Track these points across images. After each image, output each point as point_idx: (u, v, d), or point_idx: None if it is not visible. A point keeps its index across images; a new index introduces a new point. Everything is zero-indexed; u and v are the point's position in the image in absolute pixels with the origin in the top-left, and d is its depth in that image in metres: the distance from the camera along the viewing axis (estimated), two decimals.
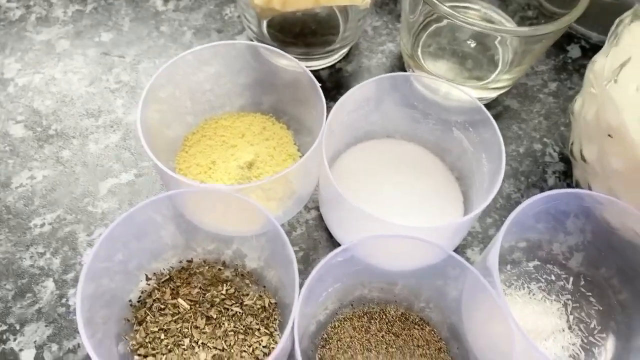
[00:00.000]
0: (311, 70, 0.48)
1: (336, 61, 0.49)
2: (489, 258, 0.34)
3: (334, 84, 0.48)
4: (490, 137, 0.37)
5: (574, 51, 0.52)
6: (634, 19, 0.34)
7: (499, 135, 0.36)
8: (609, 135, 0.35)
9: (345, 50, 0.49)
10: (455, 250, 0.41)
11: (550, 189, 0.44)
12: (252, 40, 0.49)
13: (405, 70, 0.49)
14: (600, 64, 0.36)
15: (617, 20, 0.36)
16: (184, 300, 0.37)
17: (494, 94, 0.47)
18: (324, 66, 0.49)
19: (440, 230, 0.35)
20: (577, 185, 0.42)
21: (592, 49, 0.51)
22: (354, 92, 0.37)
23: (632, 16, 0.34)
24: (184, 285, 0.38)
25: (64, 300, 0.38)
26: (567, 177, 0.44)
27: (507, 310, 0.30)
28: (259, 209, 0.33)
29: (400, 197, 0.41)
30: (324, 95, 0.47)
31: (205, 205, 0.36)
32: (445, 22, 0.41)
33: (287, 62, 0.40)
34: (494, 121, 0.37)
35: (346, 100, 0.37)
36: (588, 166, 0.38)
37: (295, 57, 0.47)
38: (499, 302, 0.31)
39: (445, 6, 0.38)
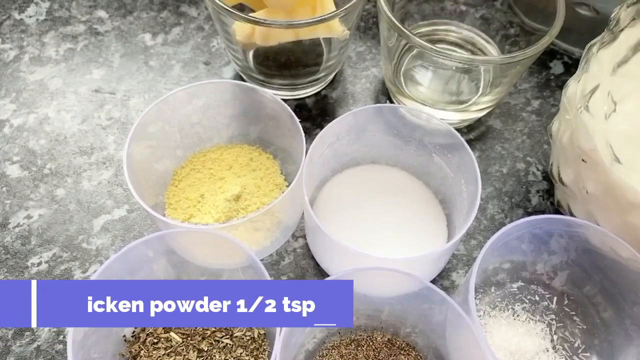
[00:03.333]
0: (297, 98, 0.50)
1: (322, 88, 0.50)
2: (468, 284, 0.35)
3: (320, 111, 0.49)
4: (466, 161, 0.38)
5: (557, 67, 0.52)
6: (601, 47, 0.34)
7: (473, 159, 0.37)
8: (583, 160, 0.36)
9: (330, 78, 0.50)
10: (441, 274, 0.42)
11: (534, 208, 0.45)
12: (238, 72, 0.50)
13: (389, 95, 0.49)
14: (572, 88, 0.37)
15: (587, 46, 0.37)
16: (175, 333, 0.38)
17: (477, 116, 0.47)
18: (310, 94, 0.50)
19: (421, 259, 0.36)
20: (559, 205, 0.42)
21: (574, 65, 0.52)
22: (332, 126, 0.38)
23: (599, 44, 0.35)
24: None
25: (61, 337, 0.39)
26: (550, 196, 0.45)
27: (482, 337, 0.31)
28: (240, 246, 0.34)
29: (385, 223, 0.42)
30: (311, 122, 0.48)
31: (192, 242, 0.37)
32: None
33: (268, 96, 0.41)
34: (466, 145, 0.38)
35: (324, 134, 0.38)
36: (567, 189, 0.39)
37: (282, 87, 0.48)
38: (474, 330, 0.31)
39: (423, 31, 0.38)
